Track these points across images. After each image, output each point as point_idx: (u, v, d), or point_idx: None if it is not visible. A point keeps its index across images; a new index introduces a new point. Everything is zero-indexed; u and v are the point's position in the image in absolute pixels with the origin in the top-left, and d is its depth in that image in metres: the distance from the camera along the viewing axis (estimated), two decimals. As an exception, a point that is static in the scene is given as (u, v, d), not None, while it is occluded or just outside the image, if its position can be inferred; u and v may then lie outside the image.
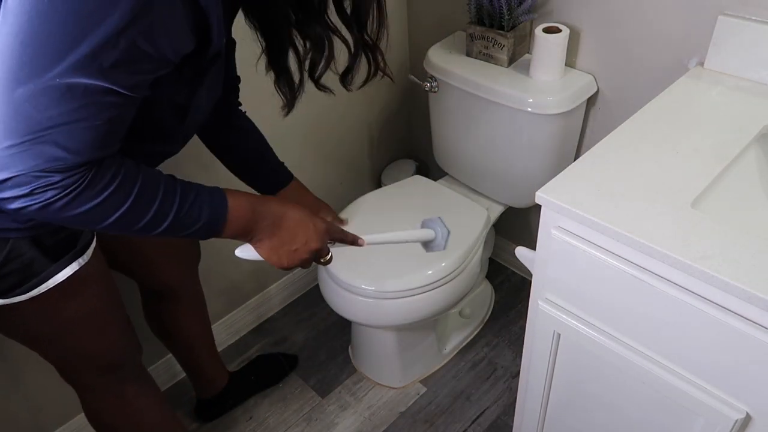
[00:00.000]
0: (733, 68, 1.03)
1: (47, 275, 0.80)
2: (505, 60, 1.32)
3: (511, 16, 1.26)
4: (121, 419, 1.05)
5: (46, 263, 0.79)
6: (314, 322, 1.74)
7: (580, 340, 0.89)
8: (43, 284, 0.79)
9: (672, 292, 0.73)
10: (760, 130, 0.89)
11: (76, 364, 0.95)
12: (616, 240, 0.75)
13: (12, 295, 0.78)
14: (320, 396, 1.54)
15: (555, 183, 0.82)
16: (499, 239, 1.79)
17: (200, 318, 1.34)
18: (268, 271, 1.71)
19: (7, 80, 0.55)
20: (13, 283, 0.77)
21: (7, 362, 1.22)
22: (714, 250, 0.70)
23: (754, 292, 0.65)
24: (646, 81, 1.22)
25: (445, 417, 1.48)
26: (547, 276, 0.89)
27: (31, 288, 0.79)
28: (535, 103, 1.24)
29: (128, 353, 1.00)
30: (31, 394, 1.29)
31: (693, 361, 0.76)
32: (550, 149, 1.32)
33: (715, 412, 0.77)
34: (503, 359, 1.60)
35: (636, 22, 1.17)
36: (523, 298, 1.76)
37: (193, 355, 1.36)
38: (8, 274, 0.76)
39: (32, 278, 0.78)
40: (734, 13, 1.01)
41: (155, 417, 1.11)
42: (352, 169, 1.76)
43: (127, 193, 0.66)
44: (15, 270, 0.77)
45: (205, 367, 1.39)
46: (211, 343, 1.40)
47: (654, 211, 0.76)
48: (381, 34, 0.81)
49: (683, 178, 0.81)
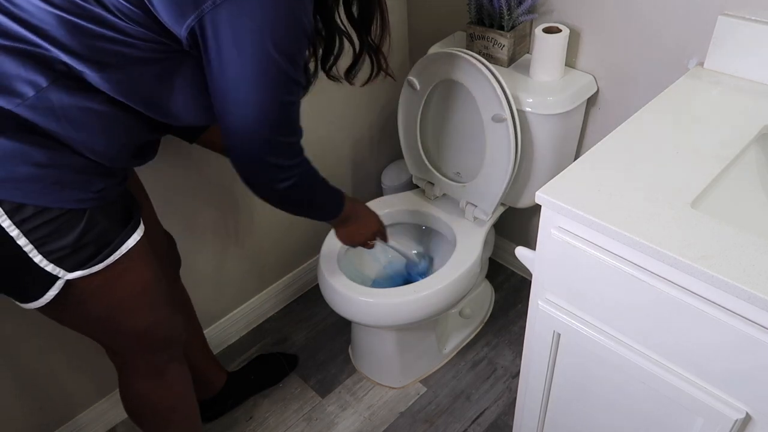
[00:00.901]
0: (733, 68, 1.03)
1: (119, 242, 0.84)
2: (505, 60, 1.32)
3: (511, 16, 1.26)
4: (161, 400, 1.09)
5: (118, 231, 0.84)
6: (314, 322, 1.74)
7: (580, 340, 0.89)
8: (116, 251, 0.83)
9: (672, 292, 0.73)
10: (760, 130, 0.89)
11: (130, 342, 0.97)
12: (616, 240, 0.75)
13: (90, 265, 0.81)
14: (320, 396, 1.54)
15: (555, 183, 0.82)
16: (499, 239, 1.79)
17: (187, 321, 1.32)
18: (268, 272, 1.71)
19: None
20: (91, 253, 0.81)
21: (8, 362, 1.22)
22: (714, 250, 0.70)
23: (754, 292, 0.65)
24: (646, 81, 1.22)
25: (445, 417, 1.48)
26: (547, 276, 0.89)
27: (107, 256, 0.82)
28: (535, 103, 1.24)
29: (179, 327, 1.04)
30: (31, 394, 1.29)
31: (693, 361, 0.76)
32: (550, 149, 1.32)
33: (715, 412, 0.77)
34: (503, 359, 1.60)
35: (636, 22, 1.17)
36: (523, 298, 1.76)
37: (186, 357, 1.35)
38: (87, 244, 0.80)
39: (106, 247, 0.82)
40: (734, 13, 1.01)
41: (188, 401, 1.15)
42: (352, 169, 1.76)
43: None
44: (93, 240, 0.80)
45: (201, 368, 1.39)
46: (204, 344, 1.40)
47: (654, 211, 0.76)
48: (384, 38, 0.94)
49: (683, 178, 0.81)
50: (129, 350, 1.00)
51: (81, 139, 0.76)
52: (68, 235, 0.77)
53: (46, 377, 1.29)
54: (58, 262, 0.78)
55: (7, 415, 1.26)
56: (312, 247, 1.75)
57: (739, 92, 0.99)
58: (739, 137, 0.88)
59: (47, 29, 0.69)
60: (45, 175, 0.74)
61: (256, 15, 0.71)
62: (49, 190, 0.75)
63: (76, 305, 0.86)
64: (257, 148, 0.83)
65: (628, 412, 0.92)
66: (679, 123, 0.92)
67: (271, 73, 0.76)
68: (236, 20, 0.71)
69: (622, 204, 0.77)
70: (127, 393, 1.09)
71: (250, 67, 0.74)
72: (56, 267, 0.78)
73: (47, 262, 0.77)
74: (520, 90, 1.25)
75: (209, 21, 0.70)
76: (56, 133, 0.74)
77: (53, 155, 0.75)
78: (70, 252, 0.78)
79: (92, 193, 0.79)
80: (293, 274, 1.78)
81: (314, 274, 1.81)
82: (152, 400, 1.08)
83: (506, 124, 1.23)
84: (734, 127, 0.90)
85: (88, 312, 0.88)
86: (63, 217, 0.77)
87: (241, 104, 0.77)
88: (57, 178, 0.75)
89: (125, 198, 0.88)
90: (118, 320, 0.92)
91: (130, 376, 1.06)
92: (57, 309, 0.85)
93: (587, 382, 0.95)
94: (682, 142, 0.88)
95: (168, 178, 1.29)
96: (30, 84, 0.71)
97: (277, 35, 0.73)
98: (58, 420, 1.38)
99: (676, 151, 0.86)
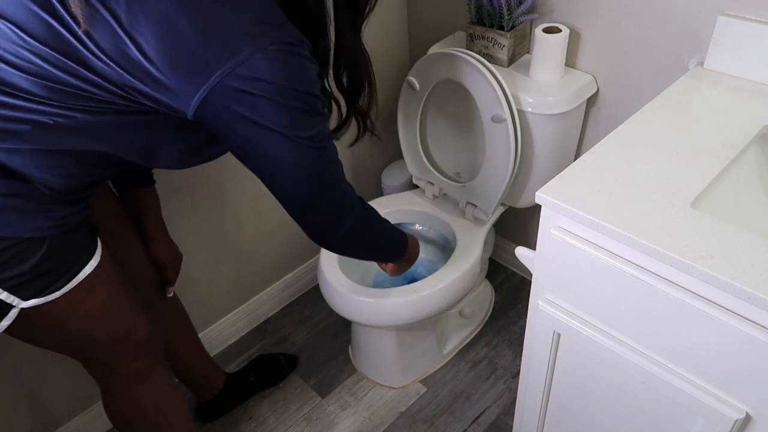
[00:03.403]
0: (733, 68, 1.03)
1: (78, 268, 0.82)
2: (505, 60, 1.32)
3: (511, 16, 1.26)
4: (150, 405, 1.08)
5: (78, 257, 0.82)
6: (314, 322, 1.74)
7: (580, 340, 0.89)
8: (74, 277, 0.82)
9: (672, 292, 0.73)
10: (760, 130, 0.89)
11: (112, 351, 0.96)
12: (616, 240, 0.75)
13: (48, 293, 0.79)
14: (320, 396, 1.54)
15: (555, 183, 0.82)
16: (499, 239, 1.79)
17: (180, 323, 1.32)
18: (268, 271, 1.71)
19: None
20: (49, 280, 0.79)
21: (8, 362, 1.22)
22: (714, 250, 0.70)
23: (754, 292, 0.65)
24: (646, 81, 1.22)
25: (445, 417, 1.48)
26: (547, 276, 0.89)
27: (65, 283, 0.81)
28: (535, 103, 1.24)
29: (156, 329, 1.03)
30: (31, 394, 1.29)
31: (693, 360, 0.76)
32: (550, 149, 1.32)
33: (715, 412, 0.77)
34: (503, 359, 1.60)
35: (636, 22, 1.17)
36: (523, 298, 1.76)
37: (181, 361, 1.34)
38: (46, 272, 0.78)
39: (65, 273, 0.81)
40: (734, 13, 1.01)
41: (177, 403, 1.14)
42: (352, 169, 1.76)
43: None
44: (52, 267, 0.79)
45: (197, 371, 1.39)
46: (199, 346, 1.39)
47: (654, 211, 0.76)
48: (372, 105, 0.99)
49: (683, 178, 0.81)
50: (112, 359, 0.99)
51: (42, 177, 0.75)
52: (24, 263, 0.75)
53: (46, 377, 1.29)
54: (13, 290, 0.76)
55: (8, 415, 1.26)
56: (312, 247, 1.73)
57: (739, 92, 0.99)
58: (739, 137, 0.88)
59: (24, 86, 0.68)
60: (5, 204, 0.73)
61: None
62: (8, 219, 0.73)
63: (44, 330, 0.84)
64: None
65: (628, 412, 0.92)
66: (679, 123, 0.92)
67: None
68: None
69: (622, 204, 0.77)
70: (115, 403, 1.07)
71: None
72: (10, 295, 0.75)
73: (1, 290, 0.74)
74: (520, 90, 1.25)
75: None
76: (17, 169, 0.73)
77: (13, 185, 0.73)
78: (27, 280, 0.76)
79: (53, 221, 0.77)
80: (293, 274, 1.78)
81: (314, 274, 1.81)
82: (141, 406, 1.07)
83: (506, 124, 1.23)
84: (734, 127, 0.90)
85: (59, 334, 0.87)
86: (21, 245, 0.74)
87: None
88: (17, 207, 0.74)
89: (88, 222, 0.86)
90: (93, 335, 0.91)
91: (117, 385, 1.04)
92: (26, 334, 0.84)
93: (587, 382, 0.95)
94: (682, 142, 0.88)
95: (167, 178, 1.29)
96: (3, 132, 0.70)
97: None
98: (58, 420, 1.38)
99: (676, 151, 0.86)
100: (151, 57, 0.67)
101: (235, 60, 0.67)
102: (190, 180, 1.36)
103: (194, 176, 1.36)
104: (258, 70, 0.68)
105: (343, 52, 0.90)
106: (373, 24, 0.94)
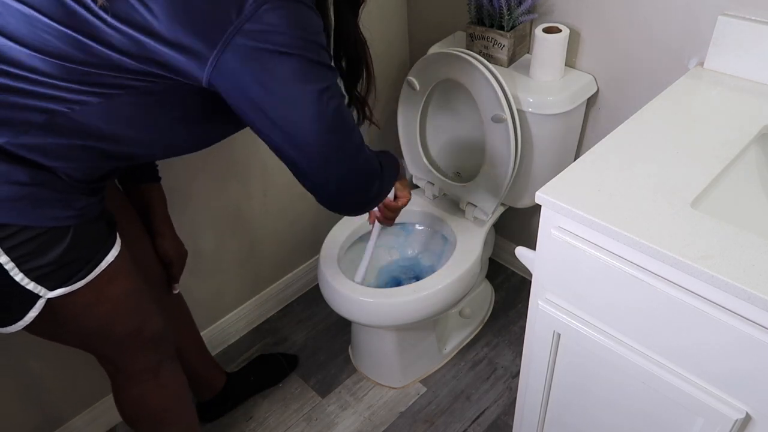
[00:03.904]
0: (733, 68, 1.03)
1: (100, 257, 0.84)
2: (505, 60, 1.32)
3: (511, 16, 1.26)
4: (158, 401, 1.09)
5: (99, 247, 0.84)
6: (314, 322, 1.74)
7: (580, 340, 0.89)
8: (97, 266, 0.83)
9: (672, 292, 0.73)
10: (760, 130, 0.89)
11: (123, 345, 0.97)
12: (616, 240, 0.75)
13: (72, 282, 0.81)
14: (320, 396, 1.54)
15: (555, 183, 0.82)
16: (499, 239, 1.79)
17: (184, 322, 1.33)
18: (268, 272, 1.71)
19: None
20: (74, 270, 0.81)
21: (8, 362, 1.22)
22: (714, 250, 0.70)
23: (754, 292, 0.65)
24: (646, 81, 1.22)
25: (445, 417, 1.48)
26: (547, 276, 0.89)
27: (89, 272, 0.82)
28: (534, 103, 1.24)
29: (166, 326, 1.04)
30: (31, 394, 1.29)
31: (693, 361, 0.76)
32: (550, 149, 1.32)
33: (715, 412, 0.77)
34: (503, 359, 1.60)
35: (636, 22, 1.17)
36: (523, 298, 1.76)
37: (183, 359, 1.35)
38: (71, 261, 0.80)
39: (88, 263, 0.82)
40: (734, 13, 1.01)
41: (184, 400, 1.15)
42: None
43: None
44: (76, 257, 0.80)
45: (199, 370, 1.39)
46: (201, 346, 1.39)
47: (654, 211, 0.76)
48: (370, 92, 0.98)
49: (683, 178, 0.81)
50: (123, 354, 1.00)
51: (63, 167, 0.76)
52: (50, 253, 0.77)
53: (46, 377, 1.29)
54: (40, 280, 0.77)
55: (8, 415, 1.26)
56: (312, 247, 1.75)
57: (739, 92, 0.99)
58: (739, 137, 0.88)
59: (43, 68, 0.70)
60: (26, 193, 0.74)
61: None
62: (30, 208, 0.74)
63: (65, 321, 0.85)
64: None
65: (628, 412, 0.92)
66: (679, 123, 0.92)
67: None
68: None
69: (622, 204, 0.77)
70: (123, 398, 1.08)
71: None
72: (37, 285, 0.77)
73: (28, 281, 0.76)
74: (520, 90, 1.26)
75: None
76: (37, 159, 0.74)
77: (35, 174, 0.74)
78: (53, 269, 0.78)
79: (74, 210, 0.79)
80: (293, 274, 1.78)
81: (314, 274, 1.81)
82: (149, 402, 1.08)
83: (506, 124, 1.23)
84: (734, 127, 0.90)
85: (78, 326, 0.88)
86: (45, 235, 0.76)
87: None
88: (39, 197, 0.75)
89: (105, 214, 0.88)
90: (109, 328, 0.92)
91: (126, 380, 1.05)
92: (46, 327, 0.85)
93: (587, 382, 0.95)
94: (682, 142, 0.88)
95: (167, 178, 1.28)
96: (24, 123, 0.71)
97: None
98: (59, 420, 1.38)
99: (676, 151, 0.86)
100: (164, 20, 0.68)
101: (242, 15, 0.68)
102: (190, 179, 1.36)
103: (194, 176, 1.36)
104: (265, 21, 0.69)
105: (342, 36, 0.91)
106: (374, 24, 0.94)
